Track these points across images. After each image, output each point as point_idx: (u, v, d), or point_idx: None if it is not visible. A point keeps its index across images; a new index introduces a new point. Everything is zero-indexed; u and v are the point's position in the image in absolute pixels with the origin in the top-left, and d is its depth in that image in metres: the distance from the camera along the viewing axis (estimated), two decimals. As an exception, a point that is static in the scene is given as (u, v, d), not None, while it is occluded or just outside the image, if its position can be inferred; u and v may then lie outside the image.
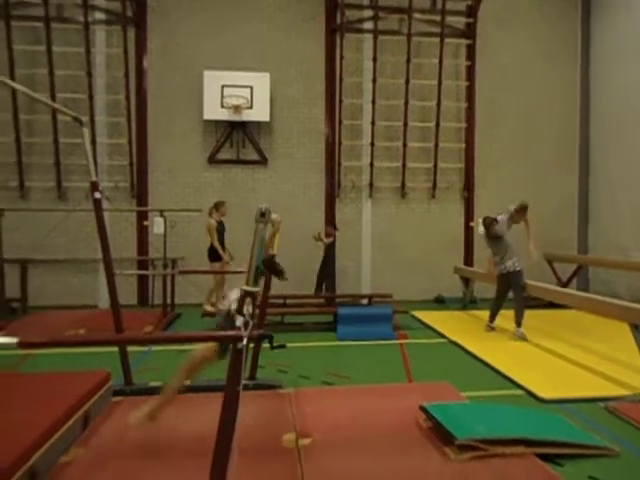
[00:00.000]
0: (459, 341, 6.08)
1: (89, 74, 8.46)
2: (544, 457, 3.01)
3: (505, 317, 6.63)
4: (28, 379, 3.87)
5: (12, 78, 7.87)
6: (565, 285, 8.88)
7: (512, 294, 6.41)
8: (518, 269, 6.27)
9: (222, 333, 2.65)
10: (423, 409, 3.41)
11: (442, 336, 6.54)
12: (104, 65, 8.79)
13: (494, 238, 6.38)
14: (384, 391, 4.19)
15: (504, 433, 3.09)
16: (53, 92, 8.30)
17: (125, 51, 8.57)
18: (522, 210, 6.32)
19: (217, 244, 7.31)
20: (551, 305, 7.95)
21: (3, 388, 3.49)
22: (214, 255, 7.39)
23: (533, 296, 7.87)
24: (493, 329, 6.56)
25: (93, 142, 8.28)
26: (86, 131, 4.00)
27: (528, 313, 7.91)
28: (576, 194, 10.04)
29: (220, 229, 7.47)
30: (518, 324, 6.25)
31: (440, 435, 3.16)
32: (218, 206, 7.51)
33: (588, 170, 9.99)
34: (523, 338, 6.11)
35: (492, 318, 6.62)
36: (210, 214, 7.47)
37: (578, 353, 5.52)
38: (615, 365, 5.01)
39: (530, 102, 9.78)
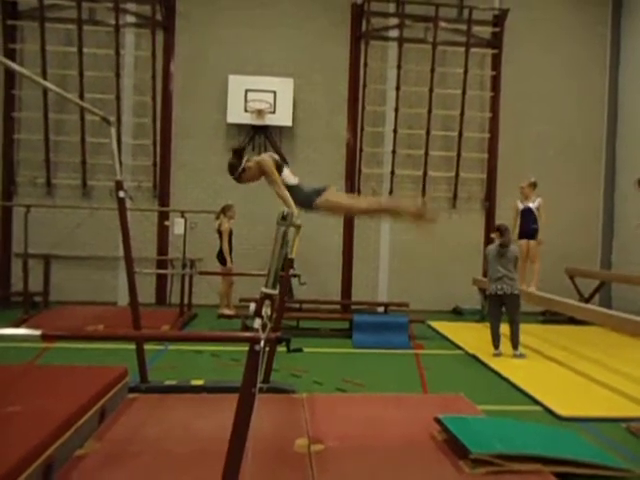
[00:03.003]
0: (476, 353, 5.99)
1: (117, 75, 8.64)
2: (561, 476, 2.93)
3: (523, 332, 6.45)
4: (47, 371, 3.94)
5: (44, 78, 8.07)
6: (587, 301, 8.69)
7: (508, 317, 5.90)
8: (516, 292, 5.83)
9: (241, 334, 2.66)
10: (438, 421, 3.36)
11: (459, 348, 6.45)
12: (132, 67, 8.97)
13: (505, 249, 5.87)
14: (398, 401, 4.15)
15: (520, 449, 3.02)
16: (82, 92, 8.49)
17: (153, 54, 8.73)
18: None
19: (227, 249, 7.32)
20: (572, 321, 7.82)
21: (22, 379, 3.56)
22: (224, 258, 7.41)
23: (553, 311, 7.75)
24: (501, 354, 5.92)
25: (118, 142, 8.40)
26: (114, 131, 4.07)
27: (550, 328, 7.81)
28: (601, 208, 9.83)
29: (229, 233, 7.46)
30: (515, 347, 5.86)
31: (455, 448, 3.10)
32: (226, 210, 7.40)
33: (614, 184, 9.79)
34: (522, 357, 5.85)
35: (497, 344, 5.99)
36: (217, 217, 7.45)
37: (599, 371, 5.38)
38: (638, 384, 4.87)
39: (556, 114, 9.64)
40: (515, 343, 5.89)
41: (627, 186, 9.48)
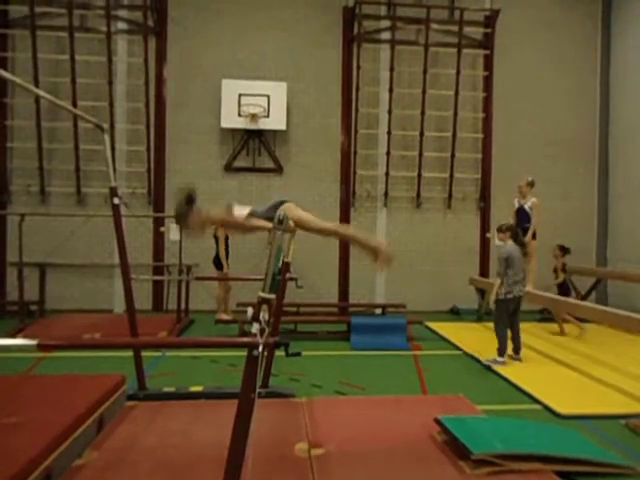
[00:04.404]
0: (474, 353, 5.99)
1: (110, 82, 8.61)
2: (562, 474, 2.94)
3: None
4: (44, 381, 3.91)
5: (36, 86, 8.04)
6: (583, 298, 8.72)
7: (513, 320, 5.72)
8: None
9: (239, 340, 2.65)
10: (438, 422, 3.36)
11: (457, 348, 6.45)
12: (125, 73, 8.95)
13: (524, 250, 5.84)
14: (398, 402, 4.14)
15: (521, 448, 3.02)
16: (75, 100, 8.46)
17: (146, 60, 8.71)
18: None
19: (224, 254, 7.31)
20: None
21: (19, 390, 3.53)
22: (221, 263, 7.39)
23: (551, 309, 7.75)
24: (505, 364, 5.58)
25: (112, 149, 8.38)
26: (107, 138, 4.06)
27: (547, 326, 7.81)
28: (595, 206, 9.88)
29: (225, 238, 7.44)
30: (518, 351, 5.72)
31: (455, 449, 3.10)
32: None
33: (607, 182, 9.85)
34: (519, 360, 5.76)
35: (504, 352, 5.59)
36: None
37: (597, 368, 5.40)
38: (635, 381, 4.89)
39: (548, 113, 9.69)
40: (518, 349, 5.76)
41: (620, 184, 9.55)
